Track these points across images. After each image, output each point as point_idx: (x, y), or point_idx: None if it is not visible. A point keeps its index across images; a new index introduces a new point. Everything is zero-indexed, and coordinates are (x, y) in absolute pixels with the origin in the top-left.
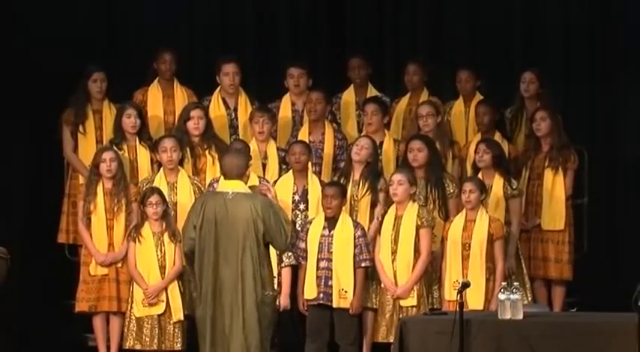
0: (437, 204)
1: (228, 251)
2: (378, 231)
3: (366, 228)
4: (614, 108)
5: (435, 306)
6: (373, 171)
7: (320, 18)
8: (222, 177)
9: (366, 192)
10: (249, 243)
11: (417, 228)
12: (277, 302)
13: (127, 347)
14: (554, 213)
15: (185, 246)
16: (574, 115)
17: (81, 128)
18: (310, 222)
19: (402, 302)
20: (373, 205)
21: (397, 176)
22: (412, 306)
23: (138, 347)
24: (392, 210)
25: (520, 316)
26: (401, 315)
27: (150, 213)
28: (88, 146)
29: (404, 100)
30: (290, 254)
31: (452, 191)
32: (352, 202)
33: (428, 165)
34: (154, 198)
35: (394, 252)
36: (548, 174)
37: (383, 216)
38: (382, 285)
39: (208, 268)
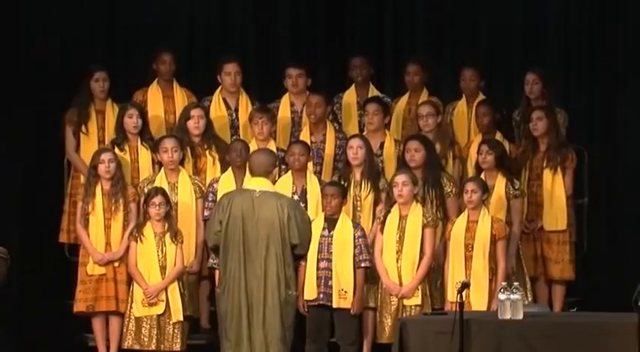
0: (434, 204)
1: (253, 248)
2: (380, 230)
3: (368, 228)
4: (614, 108)
5: (435, 306)
6: (373, 170)
7: (320, 18)
8: (231, 175)
9: (369, 192)
10: (274, 241)
11: (422, 228)
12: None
13: (125, 347)
14: (556, 213)
15: (210, 241)
16: (574, 115)
17: (83, 128)
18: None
19: (406, 302)
20: (375, 203)
21: (402, 177)
22: (416, 305)
23: (136, 347)
24: (395, 211)
25: (520, 316)
26: (404, 314)
27: (152, 213)
28: (90, 146)
29: (403, 100)
30: None
31: (449, 190)
32: (355, 202)
33: (425, 165)
34: (157, 199)
35: (399, 252)
36: (547, 174)
37: (385, 216)
38: (384, 286)
39: (233, 264)
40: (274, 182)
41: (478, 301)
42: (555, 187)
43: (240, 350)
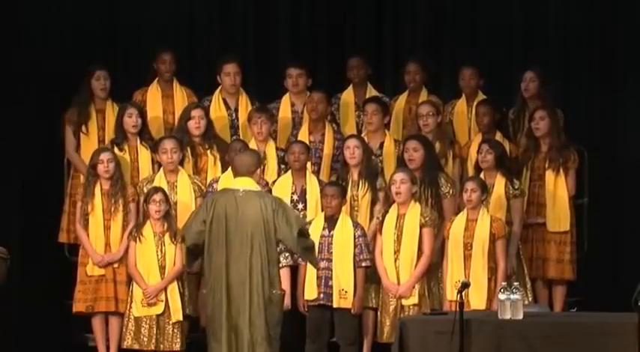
0: (429, 204)
1: (237, 248)
2: (379, 230)
3: (366, 228)
4: (614, 108)
5: (432, 306)
6: (371, 170)
7: (320, 18)
8: (231, 175)
9: (366, 191)
10: (258, 241)
11: (420, 227)
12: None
13: (125, 347)
14: (558, 214)
15: (189, 239)
16: (574, 115)
17: (83, 128)
18: (310, 223)
19: (404, 302)
20: (373, 203)
21: (400, 175)
22: (414, 305)
23: (136, 346)
24: (394, 209)
25: (520, 316)
26: (402, 315)
27: (152, 210)
28: (90, 146)
29: (402, 99)
30: (287, 254)
31: (447, 191)
32: (352, 202)
33: (423, 165)
34: (157, 196)
35: (397, 252)
36: (549, 175)
37: (384, 216)
38: (383, 285)
39: (219, 265)
40: (274, 182)
41: (477, 300)
42: (558, 188)
43: (228, 350)
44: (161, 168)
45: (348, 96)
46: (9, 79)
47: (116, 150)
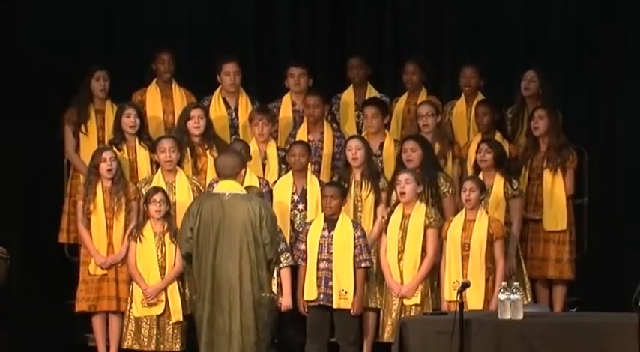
0: (429, 204)
1: (226, 253)
2: (384, 230)
3: (369, 228)
4: (614, 108)
5: (433, 306)
6: (373, 170)
7: (320, 18)
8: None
9: (369, 192)
10: (246, 244)
11: (425, 228)
12: (277, 304)
13: (125, 347)
14: (555, 213)
15: (182, 248)
16: (574, 115)
17: (83, 128)
18: (310, 223)
19: (406, 302)
20: (376, 204)
21: (404, 175)
22: (416, 305)
23: (136, 347)
24: (399, 210)
25: (520, 316)
26: (403, 315)
27: (153, 210)
28: (90, 146)
29: (402, 100)
30: (288, 254)
31: (446, 190)
32: (356, 203)
33: (422, 165)
34: (157, 196)
35: (401, 252)
36: (547, 174)
37: (389, 215)
38: (387, 285)
39: (207, 270)
40: (275, 183)
41: (474, 301)
42: (555, 187)
43: None
44: (159, 169)
45: (348, 96)
46: (9, 79)
47: (115, 150)
